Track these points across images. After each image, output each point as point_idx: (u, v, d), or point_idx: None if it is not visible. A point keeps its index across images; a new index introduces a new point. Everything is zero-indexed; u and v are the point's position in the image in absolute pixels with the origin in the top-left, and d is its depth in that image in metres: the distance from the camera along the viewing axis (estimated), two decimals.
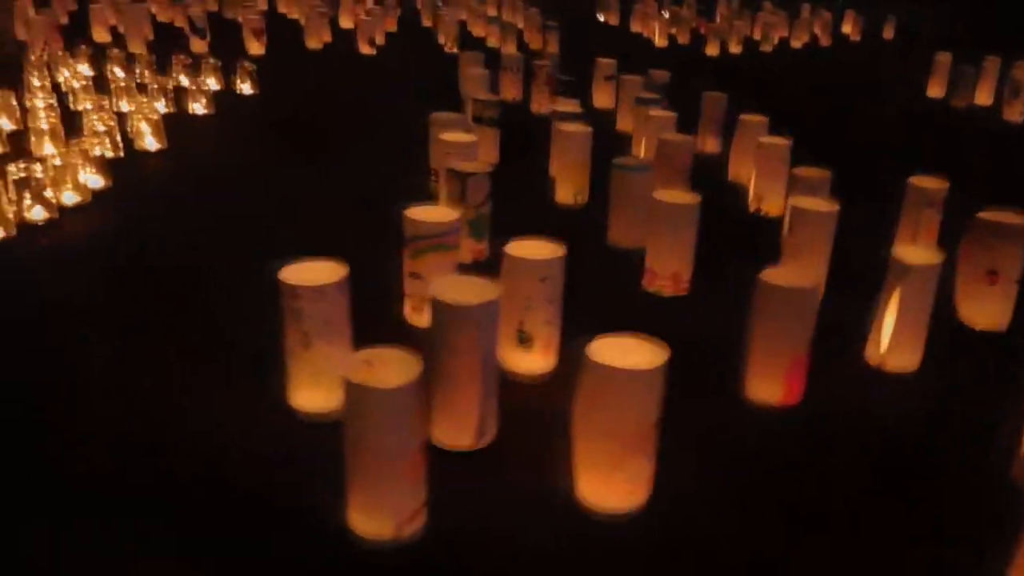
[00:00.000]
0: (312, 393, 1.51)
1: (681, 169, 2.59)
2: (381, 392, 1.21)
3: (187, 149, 3.01)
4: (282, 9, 6.07)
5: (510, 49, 5.29)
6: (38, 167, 2.26)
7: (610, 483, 1.36)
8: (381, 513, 1.27)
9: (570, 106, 3.11)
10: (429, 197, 2.62)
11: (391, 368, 1.25)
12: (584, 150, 2.67)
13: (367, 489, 1.27)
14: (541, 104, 3.78)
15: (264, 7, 5.93)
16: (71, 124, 2.94)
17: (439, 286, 1.49)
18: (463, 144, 2.42)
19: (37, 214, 2.26)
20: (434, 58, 5.19)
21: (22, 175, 2.22)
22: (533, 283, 1.65)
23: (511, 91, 3.93)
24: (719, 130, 3.29)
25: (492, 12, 6.26)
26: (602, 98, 3.94)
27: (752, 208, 2.69)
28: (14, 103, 3.05)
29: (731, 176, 3.02)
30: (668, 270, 2.08)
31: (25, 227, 2.23)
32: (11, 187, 2.20)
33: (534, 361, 1.72)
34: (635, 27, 6.79)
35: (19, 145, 2.83)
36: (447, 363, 1.44)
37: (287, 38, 5.16)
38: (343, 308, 1.49)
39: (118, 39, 4.82)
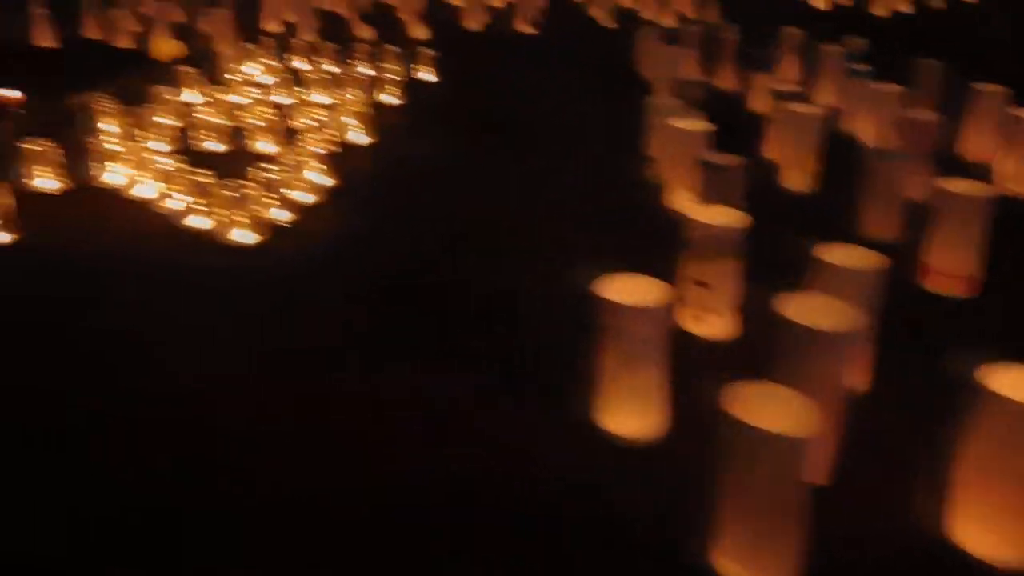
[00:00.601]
0: (630, 416, 1.40)
1: (924, 152, 2.38)
2: (787, 440, 1.06)
3: (392, 142, 2.95)
4: None
5: (668, 20, 5.07)
6: (275, 167, 2.23)
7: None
8: (764, 566, 1.13)
9: (788, 84, 2.91)
10: (651, 186, 2.50)
11: (769, 405, 1.12)
12: (814, 132, 2.48)
13: (752, 540, 1.13)
14: (726, 80, 3.57)
15: None
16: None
17: (793, 305, 1.31)
18: (700, 133, 2.27)
19: (281, 215, 2.23)
20: (593, 34, 5.03)
21: (265, 176, 2.19)
22: (855, 296, 1.48)
23: (689, 68, 3.74)
24: (938, 103, 3.02)
25: None
26: (789, 71, 3.70)
27: None
28: (221, 97, 3.05)
29: (970, 155, 2.75)
30: (955, 268, 1.89)
31: (273, 229, 2.20)
32: (253, 189, 2.17)
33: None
34: None
35: (236, 142, 2.83)
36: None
37: (445, 21, 5.09)
38: (666, 328, 1.37)
39: (289, 30, 4.84)
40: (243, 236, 2.10)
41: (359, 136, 2.89)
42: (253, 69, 3.70)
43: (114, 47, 4.36)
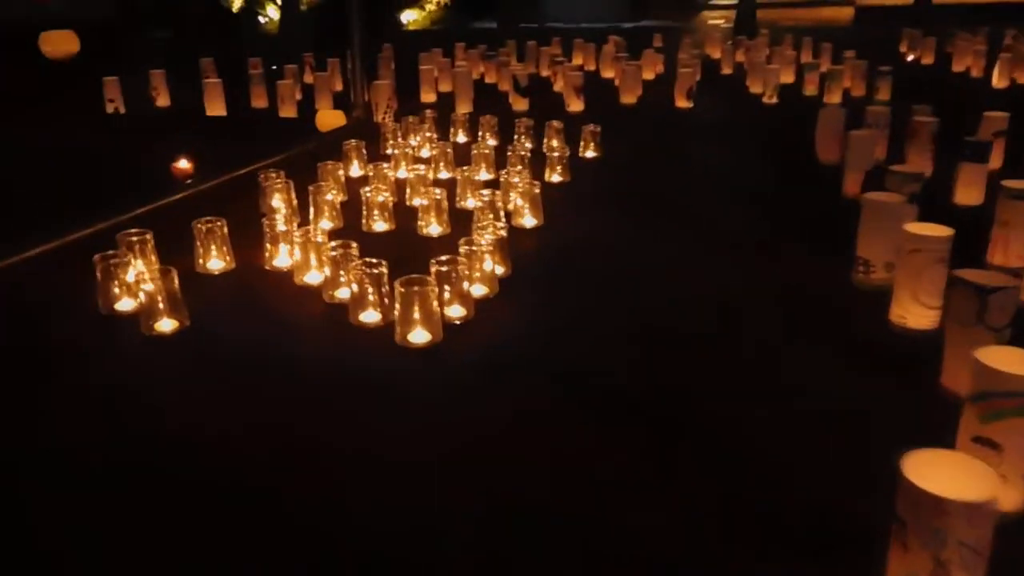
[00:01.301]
0: None
1: None
2: None
3: (559, 224, 2.70)
4: (589, 66, 5.83)
5: (833, 98, 4.70)
6: (447, 260, 1.99)
7: None
8: None
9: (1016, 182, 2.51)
10: (858, 290, 2.15)
11: None
12: None
13: None
14: (924, 168, 3.17)
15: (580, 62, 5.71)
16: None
17: None
18: (936, 240, 1.90)
19: (455, 312, 1.99)
20: (755, 110, 4.71)
21: (443, 268, 1.96)
22: None
23: (884, 155, 3.36)
24: None
25: (806, 58, 5.68)
26: (994, 158, 3.27)
27: None
28: (386, 173, 2.88)
29: None
30: None
31: (448, 327, 1.95)
32: (429, 285, 1.92)
33: None
34: (957, 66, 5.97)
35: (402, 223, 2.65)
36: None
37: (599, 94, 4.88)
38: (990, 531, 1.02)
39: (443, 100, 4.74)
40: (418, 336, 1.87)
41: (527, 219, 2.65)
42: (415, 142, 3.56)
43: (279, 116, 4.35)
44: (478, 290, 2.09)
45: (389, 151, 3.45)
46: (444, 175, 3.13)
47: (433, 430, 1.60)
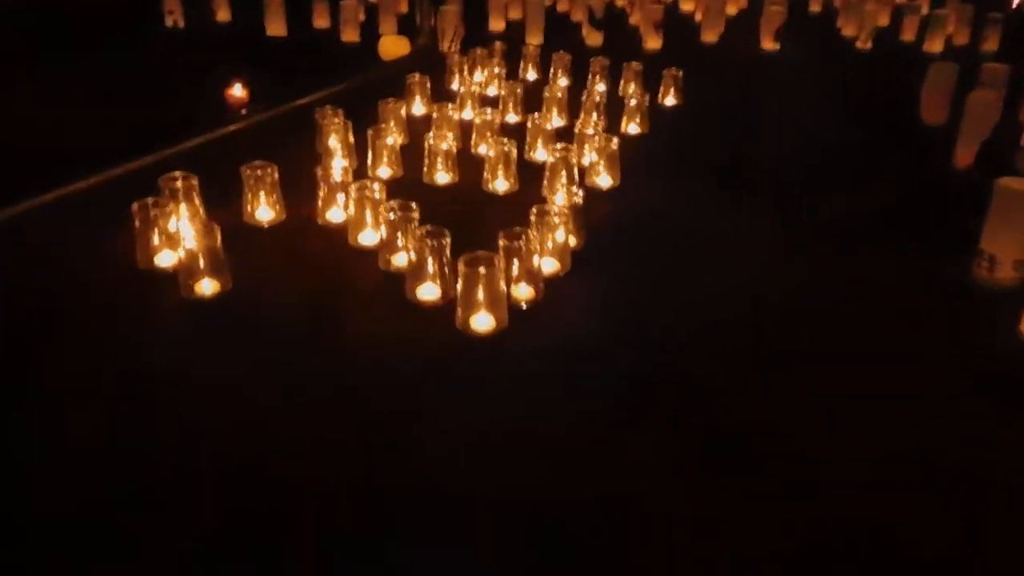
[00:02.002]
0: None
1: None
2: None
3: (636, 187, 2.41)
4: None
5: (934, 46, 4.25)
6: (519, 234, 1.74)
7: None
8: None
9: None
10: (977, 289, 1.85)
11: None
12: None
13: None
14: None
15: None
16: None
17: None
18: None
19: (523, 292, 1.75)
20: (847, 56, 4.27)
21: (511, 243, 1.71)
22: None
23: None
24: None
25: None
26: None
27: None
28: (450, 115, 2.61)
29: None
30: None
31: (515, 310, 1.71)
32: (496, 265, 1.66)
33: None
34: None
35: (466, 177, 2.39)
36: None
37: (678, 30, 4.47)
38: None
39: (512, 28, 4.38)
40: (481, 322, 1.63)
41: (603, 178, 2.37)
42: (480, 78, 3.26)
43: (340, 41, 4.06)
44: (548, 265, 1.84)
45: (455, 86, 3.16)
46: (512, 118, 2.84)
47: (488, 426, 1.39)
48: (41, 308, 1.71)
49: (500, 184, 2.30)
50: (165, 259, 1.82)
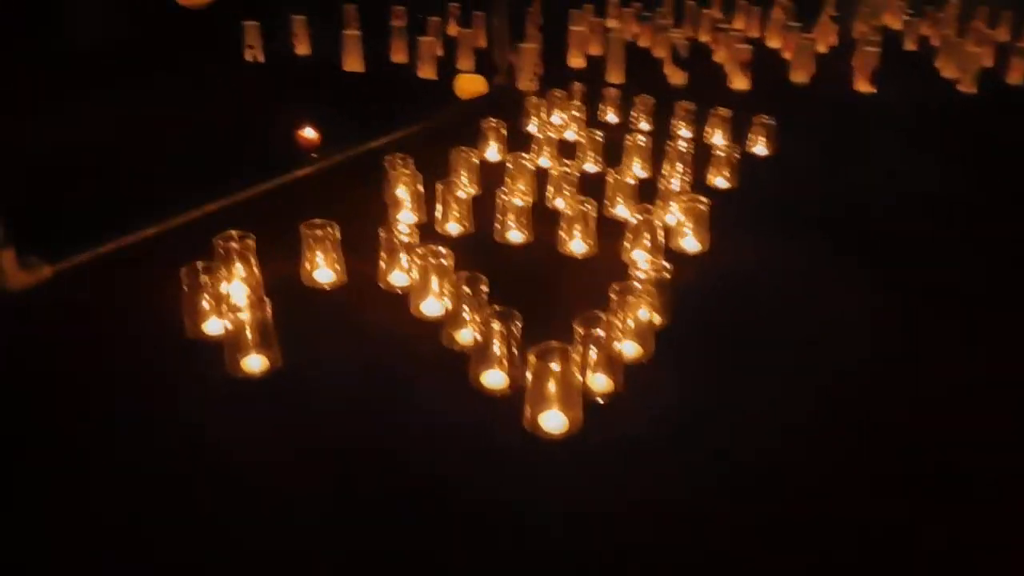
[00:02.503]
0: None
1: None
2: None
3: (726, 249, 2.17)
4: (751, 32, 5.10)
5: None
6: (601, 322, 1.52)
7: None
8: None
9: None
10: None
11: None
12: None
13: None
14: None
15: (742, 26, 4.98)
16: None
17: None
18: None
19: (600, 384, 1.53)
20: (950, 100, 3.93)
21: (588, 329, 1.50)
22: None
23: None
24: None
25: (1004, 36, 4.77)
26: None
27: None
28: (526, 164, 2.41)
29: None
30: None
31: (590, 406, 1.49)
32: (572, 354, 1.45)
33: None
34: None
35: (539, 232, 2.18)
36: None
37: (766, 69, 4.20)
38: None
39: (592, 64, 4.18)
40: (553, 422, 1.42)
41: (689, 241, 2.14)
42: (559, 120, 3.06)
43: (417, 77, 3.92)
44: (630, 350, 1.62)
45: (531, 128, 2.97)
46: (591, 167, 2.62)
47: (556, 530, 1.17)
48: (67, 373, 1.57)
49: (577, 246, 2.09)
50: (213, 327, 1.66)
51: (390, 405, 1.51)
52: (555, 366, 1.36)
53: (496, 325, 1.48)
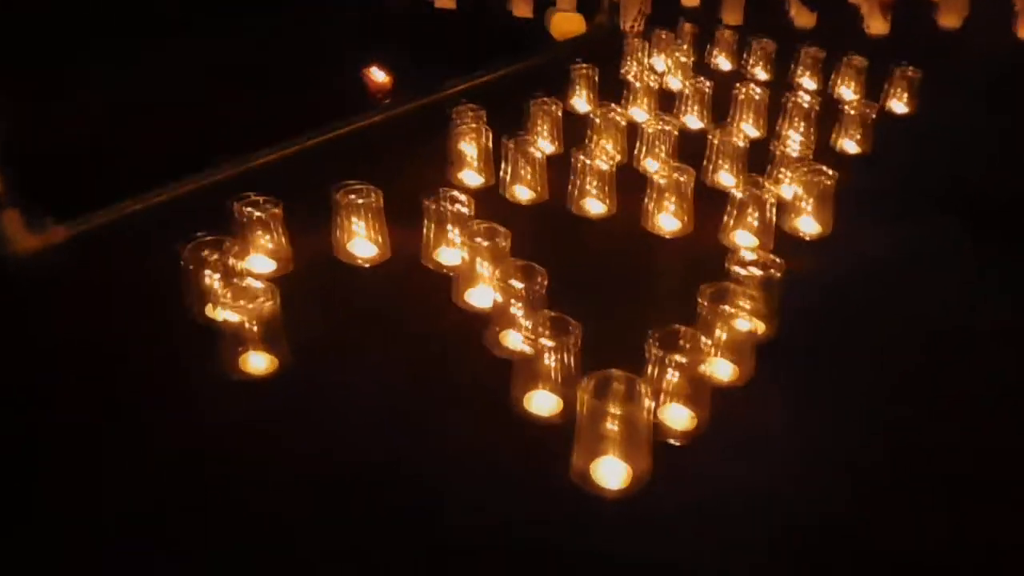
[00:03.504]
0: None
1: None
2: None
3: (856, 235, 1.71)
4: None
5: None
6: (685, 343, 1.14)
7: None
8: None
9: None
10: None
11: None
12: None
13: None
14: None
15: None
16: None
17: None
18: None
19: (677, 419, 1.16)
20: None
21: (667, 353, 1.12)
22: None
23: None
24: None
25: None
26: None
27: None
28: (616, 117, 2.00)
29: None
30: None
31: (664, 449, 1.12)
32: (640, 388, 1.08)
33: None
34: None
35: (623, 203, 1.77)
36: None
37: (909, 11, 3.54)
38: None
39: (709, 6, 3.64)
40: (610, 474, 1.05)
41: (806, 222, 1.69)
42: (662, 66, 2.60)
43: (511, 15, 3.49)
44: (722, 371, 1.23)
45: (630, 76, 2.52)
46: (693, 122, 2.17)
47: None
48: (70, 342, 1.31)
49: (668, 222, 1.68)
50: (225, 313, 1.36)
51: (417, 423, 1.18)
52: (614, 409, 1.00)
53: (547, 341, 1.12)
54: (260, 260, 1.48)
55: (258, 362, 1.24)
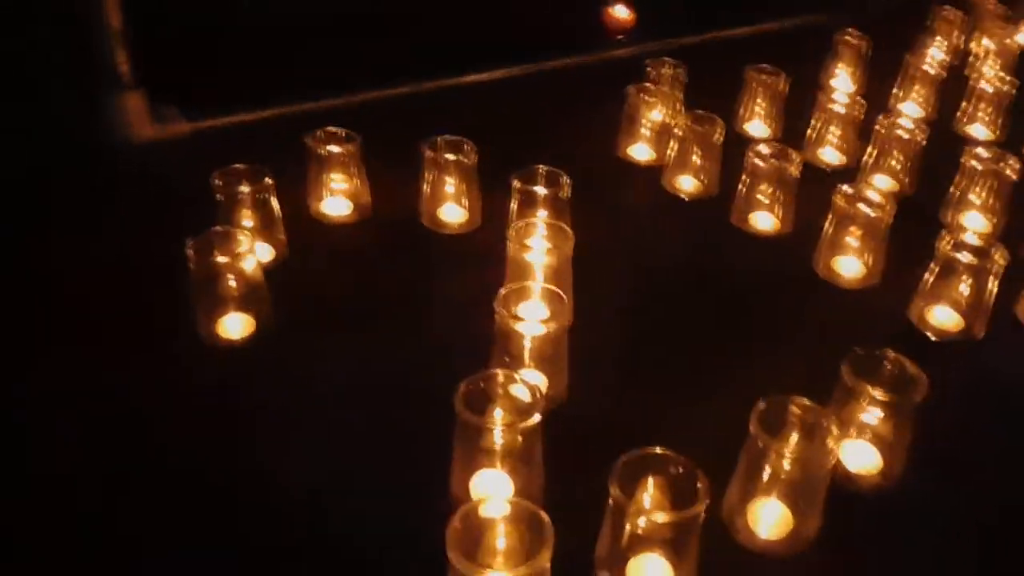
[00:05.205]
0: None
1: None
2: None
3: None
4: None
5: None
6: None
7: None
8: None
9: None
10: None
11: None
12: None
13: None
14: None
15: None
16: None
17: None
18: None
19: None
20: None
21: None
22: None
23: None
24: None
25: None
26: None
27: None
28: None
29: None
30: None
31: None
32: None
33: None
34: None
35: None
36: None
37: None
38: None
39: None
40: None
41: None
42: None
43: None
44: (861, 459, 0.72)
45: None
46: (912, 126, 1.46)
47: None
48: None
49: (849, 265, 1.11)
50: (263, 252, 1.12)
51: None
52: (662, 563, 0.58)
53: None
54: (337, 201, 1.24)
55: (236, 326, 1.00)
